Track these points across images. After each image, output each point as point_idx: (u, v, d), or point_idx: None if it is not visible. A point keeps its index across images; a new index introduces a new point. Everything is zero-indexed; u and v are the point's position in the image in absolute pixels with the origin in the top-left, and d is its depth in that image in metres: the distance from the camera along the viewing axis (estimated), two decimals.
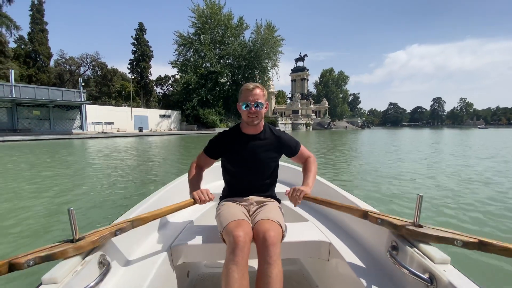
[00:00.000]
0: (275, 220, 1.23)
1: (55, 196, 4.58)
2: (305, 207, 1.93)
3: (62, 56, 55.59)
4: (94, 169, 7.50)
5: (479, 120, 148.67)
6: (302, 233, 1.41)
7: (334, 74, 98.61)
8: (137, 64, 53.01)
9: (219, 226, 1.26)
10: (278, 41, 45.30)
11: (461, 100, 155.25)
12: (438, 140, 21.33)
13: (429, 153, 11.80)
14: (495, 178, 6.04)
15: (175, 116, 43.52)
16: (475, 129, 69.82)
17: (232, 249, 1.05)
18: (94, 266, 0.93)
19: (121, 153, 12.44)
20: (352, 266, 1.14)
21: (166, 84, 62.35)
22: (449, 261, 0.84)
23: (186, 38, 44.35)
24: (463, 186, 5.32)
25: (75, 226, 0.89)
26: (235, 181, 1.49)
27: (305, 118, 66.28)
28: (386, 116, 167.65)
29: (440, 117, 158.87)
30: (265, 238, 1.10)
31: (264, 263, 1.06)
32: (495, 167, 7.71)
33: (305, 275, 1.69)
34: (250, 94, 1.34)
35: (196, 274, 1.70)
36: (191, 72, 42.00)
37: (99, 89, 60.64)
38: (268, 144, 1.45)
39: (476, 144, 17.18)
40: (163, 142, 20.25)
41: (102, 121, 32.72)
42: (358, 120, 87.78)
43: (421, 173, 6.79)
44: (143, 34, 52.89)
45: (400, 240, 1.01)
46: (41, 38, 45.74)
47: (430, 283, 0.81)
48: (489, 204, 4.07)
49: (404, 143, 18.17)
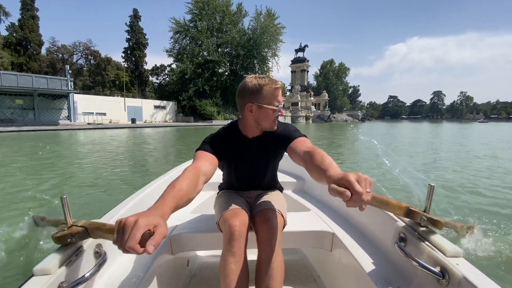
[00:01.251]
0: (276, 209, 1.18)
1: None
2: (307, 196, 1.93)
3: (54, 43, 53.50)
4: (79, 164, 6.92)
5: (478, 114, 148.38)
6: (304, 223, 1.38)
7: (335, 65, 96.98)
8: (131, 53, 51.06)
9: (216, 216, 1.22)
10: (279, 29, 43.24)
11: (461, 94, 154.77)
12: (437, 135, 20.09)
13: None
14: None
15: (170, 107, 41.80)
16: (475, 123, 69.61)
17: (229, 239, 1.02)
18: (89, 256, 0.89)
19: (109, 145, 11.30)
20: (356, 258, 1.09)
21: (162, 74, 60.44)
22: (462, 254, 0.81)
23: (182, 25, 42.21)
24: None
25: (69, 215, 0.83)
26: (234, 178, 1.35)
27: (304, 111, 65.38)
28: (385, 109, 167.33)
29: (440, 111, 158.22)
30: (266, 228, 1.07)
31: (264, 252, 1.04)
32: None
33: (306, 265, 1.67)
34: (279, 93, 1.15)
35: (196, 263, 1.69)
36: (187, 61, 40.08)
37: (92, 78, 58.80)
38: (270, 145, 1.27)
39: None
40: (157, 135, 19.00)
41: (94, 112, 31.11)
42: (358, 113, 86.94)
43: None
44: (137, 21, 50.80)
45: (409, 231, 0.96)
46: (32, 25, 43.96)
47: (442, 276, 0.77)
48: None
49: (403, 142, 16.83)
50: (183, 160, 2.65)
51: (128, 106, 35.41)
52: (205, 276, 1.57)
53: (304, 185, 2.16)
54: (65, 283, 0.75)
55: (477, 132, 24.10)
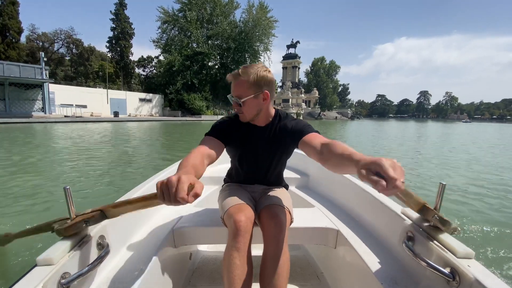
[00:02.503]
0: (283, 205, 1.16)
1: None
2: (311, 193, 1.93)
3: (33, 31, 50.32)
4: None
5: (462, 114, 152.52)
6: (309, 219, 1.37)
7: (326, 63, 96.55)
8: (116, 43, 48.55)
9: (221, 210, 1.19)
10: (271, 22, 41.98)
11: (446, 94, 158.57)
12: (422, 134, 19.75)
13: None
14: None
15: (157, 100, 39.94)
16: (460, 123, 71.32)
17: (234, 234, 1.00)
18: (93, 247, 0.89)
19: (84, 141, 9.92)
20: (361, 256, 1.07)
21: (149, 66, 58.09)
22: (473, 256, 0.79)
23: (170, 15, 40.32)
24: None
25: (72, 206, 0.83)
26: (240, 171, 1.34)
27: (295, 108, 64.76)
28: (373, 107, 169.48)
29: (426, 110, 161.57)
30: (273, 224, 1.05)
31: (271, 250, 1.02)
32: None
33: (309, 262, 1.66)
34: (231, 85, 1.14)
35: (199, 257, 1.68)
36: (175, 52, 38.29)
37: (74, 69, 55.88)
38: (277, 136, 1.23)
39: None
40: (141, 129, 17.63)
41: (73, 104, 29.10)
42: (348, 111, 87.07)
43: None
44: (123, 9, 48.27)
45: (417, 230, 0.94)
46: (11, 11, 40.85)
47: (452, 278, 0.76)
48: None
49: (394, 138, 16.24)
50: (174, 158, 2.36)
51: (111, 99, 33.48)
52: (207, 270, 1.57)
53: (309, 181, 2.13)
54: (68, 273, 0.76)
55: (465, 134, 23.87)
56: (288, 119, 1.25)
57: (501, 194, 4.29)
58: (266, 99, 1.14)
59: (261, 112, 1.18)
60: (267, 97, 1.14)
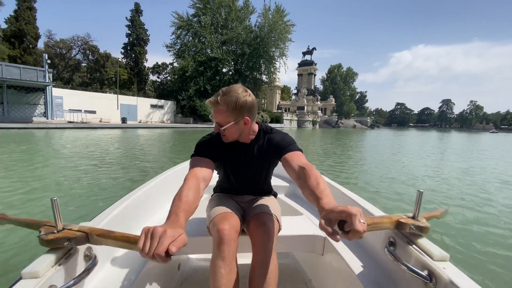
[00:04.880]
0: (272, 213, 1.17)
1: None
2: (300, 200, 1.94)
3: (50, 37, 51.05)
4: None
5: (488, 124, 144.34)
6: (297, 227, 1.38)
7: (342, 70, 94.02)
8: (131, 49, 48.22)
9: (207, 220, 1.20)
10: (288, 26, 40.21)
11: (471, 103, 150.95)
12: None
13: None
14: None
15: (169, 106, 38.76)
16: (487, 134, 67.57)
17: (218, 243, 1.00)
18: (80, 259, 0.88)
19: (79, 149, 8.30)
20: (347, 262, 1.12)
21: (163, 72, 57.67)
22: (448, 258, 0.84)
23: (184, 20, 39.43)
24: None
25: (59, 217, 0.81)
26: (227, 183, 1.35)
27: (311, 115, 62.61)
28: (392, 116, 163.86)
29: (448, 120, 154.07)
30: (262, 233, 1.06)
31: (259, 258, 1.02)
32: None
33: (297, 269, 1.68)
34: (212, 110, 1.13)
35: (187, 267, 1.67)
36: (188, 58, 37.14)
37: (90, 75, 56.31)
38: (262, 152, 1.24)
39: None
40: (151, 137, 15.99)
41: (82, 109, 28.18)
42: (367, 119, 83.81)
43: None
44: (139, 16, 48.08)
45: (398, 236, 0.99)
46: (28, 17, 41.52)
47: (430, 280, 0.80)
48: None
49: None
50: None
51: (121, 104, 32.49)
52: (196, 280, 1.57)
53: (296, 189, 2.13)
54: (54, 286, 0.74)
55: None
56: (273, 133, 1.25)
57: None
58: (247, 123, 1.14)
59: (243, 133, 1.18)
60: (248, 122, 1.14)
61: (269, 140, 1.22)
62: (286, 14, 40.46)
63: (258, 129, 1.25)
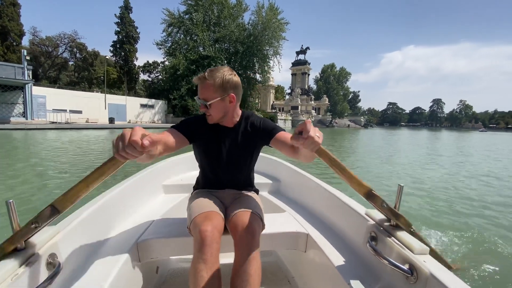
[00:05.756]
0: (255, 212, 1.13)
1: None
2: (282, 197, 1.91)
3: (35, 34, 49.03)
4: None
5: (477, 123, 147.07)
6: (279, 224, 1.37)
7: (336, 70, 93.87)
8: (121, 47, 46.70)
9: (188, 220, 1.14)
10: (282, 24, 39.34)
11: (460, 102, 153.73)
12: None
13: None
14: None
15: (159, 106, 37.53)
16: (476, 133, 68.57)
17: (199, 245, 0.96)
18: (41, 267, 0.79)
19: (58, 152, 7.27)
20: (330, 258, 1.11)
21: (154, 71, 56.21)
22: (428, 252, 0.84)
23: (176, 17, 38.22)
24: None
25: (16, 221, 0.72)
26: (209, 174, 1.32)
27: (305, 115, 62.21)
28: (385, 115, 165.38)
29: (439, 119, 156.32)
30: (245, 232, 1.02)
31: (242, 258, 0.99)
32: None
33: (280, 267, 1.66)
34: (199, 87, 1.14)
35: (166, 270, 1.60)
36: (180, 56, 35.97)
37: (78, 74, 54.41)
38: (245, 137, 1.25)
39: None
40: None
41: (67, 109, 26.79)
42: (361, 118, 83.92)
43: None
44: (128, 13, 46.59)
45: (379, 230, 0.99)
46: (12, 13, 39.80)
47: (411, 274, 0.80)
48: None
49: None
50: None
51: (109, 104, 31.13)
52: (176, 283, 1.50)
53: (280, 186, 2.11)
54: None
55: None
56: (254, 117, 1.27)
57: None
58: (232, 101, 1.16)
59: (228, 114, 1.19)
60: (233, 99, 1.16)
61: (252, 124, 1.24)
62: (280, 12, 39.65)
63: (241, 115, 1.26)
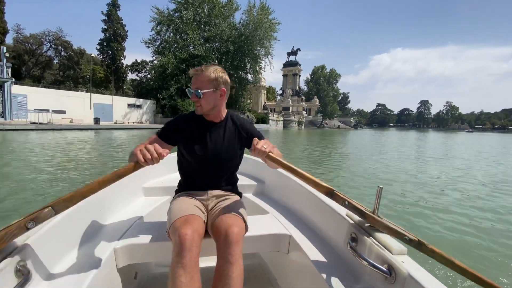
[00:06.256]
0: (238, 215, 1.13)
1: None
2: (266, 199, 1.91)
3: (19, 32, 47.01)
4: None
5: (463, 124, 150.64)
6: (263, 226, 1.35)
7: (326, 71, 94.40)
8: (108, 45, 45.35)
9: (167, 223, 1.12)
10: (273, 24, 39.10)
11: (447, 104, 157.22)
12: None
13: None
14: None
15: (148, 106, 36.59)
16: (463, 133, 69.83)
17: (178, 249, 0.93)
18: (9, 275, 0.74)
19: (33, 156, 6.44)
20: (311, 259, 1.12)
21: (143, 70, 54.91)
22: (406, 252, 0.85)
23: (165, 15, 37.35)
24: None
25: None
26: (192, 173, 1.32)
27: (296, 116, 62.08)
28: (373, 116, 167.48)
29: (426, 120, 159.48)
30: (228, 235, 1.00)
31: (224, 262, 0.97)
32: None
33: (263, 269, 1.66)
34: (192, 79, 1.23)
35: (145, 275, 1.56)
36: (169, 54, 35.12)
37: (63, 73, 52.56)
38: (230, 134, 1.31)
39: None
40: (126, 140, 14.13)
41: (50, 109, 25.64)
42: (351, 119, 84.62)
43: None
44: (116, 10, 45.30)
45: (359, 231, 1.00)
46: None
47: (389, 274, 0.81)
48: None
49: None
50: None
51: (95, 104, 30.09)
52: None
53: (264, 188, 2.10)
54: None
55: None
56: (239, 117, 1.36)
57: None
58: (223, 95, 1.25)
59: (216, 107, 1.25)
60: (224, 93, 1.25)
61: (238, 123, 1.32)
62: (271, 12, 39.34)
63: (226, 114, 1.33)
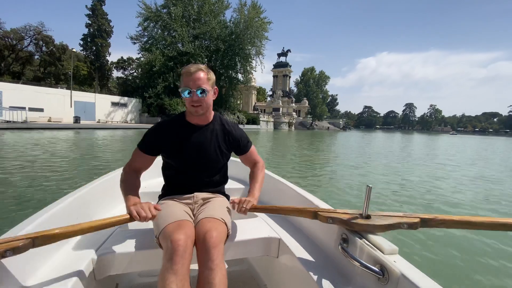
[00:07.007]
0: (219, 218, 1.11)
1: None
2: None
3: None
4: None
5: (446, 126, 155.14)
6: (251, 230, 1.32)
7: (315, 73, 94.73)
8: (92, 41, 43.42)
9: (155, 229, 1.08)
10: (265, 24, 38.43)
11: (430, 107, 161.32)
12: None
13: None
14: None
15: (133, 105, 35.05)
16: (447, 136, 71.77)
17: (170, 255, 0.90)
18: None
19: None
20: (302, 262, 1.09)
21: (129, 68, 53.03)
22: (397, 251, 0.84)
23: (152, 11, 35.99)
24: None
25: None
26: (177, 177, 1.30)
27: (287, 117, 61.76)
28: (361, 119, 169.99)
29: (411, 122, 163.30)
30: (205, 240, 0.97)
31: (205, 268, 0.93)
32: None
33: (252, 275, 1.62)
34: (191, 78, 1.17)
35: (127, 286, 1.51)
36: (156, 51, 33.79)
37: (44, 69, 50.01)
38: (218, 137, 1.30)
39: None
40: (110, 140, 12.94)
41: (26, 107, 23.93)
42: (340, 121, 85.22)
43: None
44: (101, 4, 43.48)
45: (350, 232, 0.98)
46: None
47: (382, 274, 0.79)
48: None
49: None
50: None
51: (75, 101, 28.42)
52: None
53: None
54: None
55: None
56: (230, 125, 1.36)
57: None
58: (215, 94, 1.28)
59: (209, 108, 1.26)
60: (216, 92, 1.28)
61: (229, 134, 1.33)
62: (263, 11, 38.69)
63: (214, 115, 1.33)
